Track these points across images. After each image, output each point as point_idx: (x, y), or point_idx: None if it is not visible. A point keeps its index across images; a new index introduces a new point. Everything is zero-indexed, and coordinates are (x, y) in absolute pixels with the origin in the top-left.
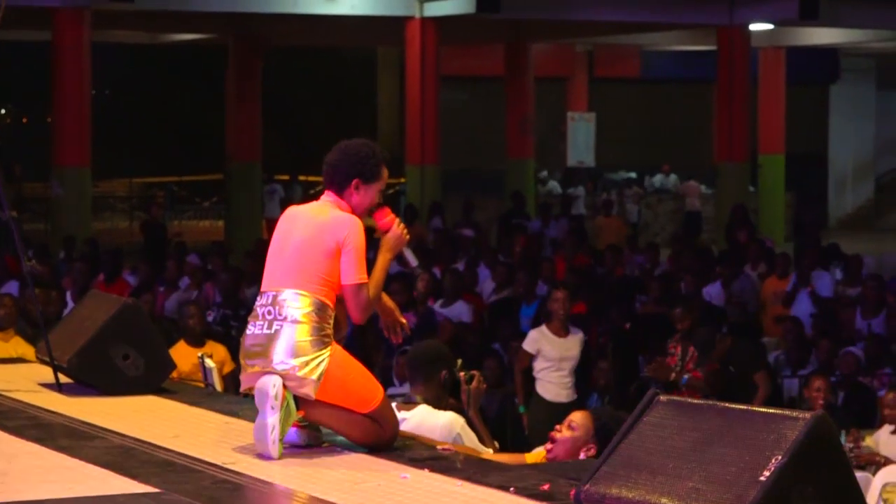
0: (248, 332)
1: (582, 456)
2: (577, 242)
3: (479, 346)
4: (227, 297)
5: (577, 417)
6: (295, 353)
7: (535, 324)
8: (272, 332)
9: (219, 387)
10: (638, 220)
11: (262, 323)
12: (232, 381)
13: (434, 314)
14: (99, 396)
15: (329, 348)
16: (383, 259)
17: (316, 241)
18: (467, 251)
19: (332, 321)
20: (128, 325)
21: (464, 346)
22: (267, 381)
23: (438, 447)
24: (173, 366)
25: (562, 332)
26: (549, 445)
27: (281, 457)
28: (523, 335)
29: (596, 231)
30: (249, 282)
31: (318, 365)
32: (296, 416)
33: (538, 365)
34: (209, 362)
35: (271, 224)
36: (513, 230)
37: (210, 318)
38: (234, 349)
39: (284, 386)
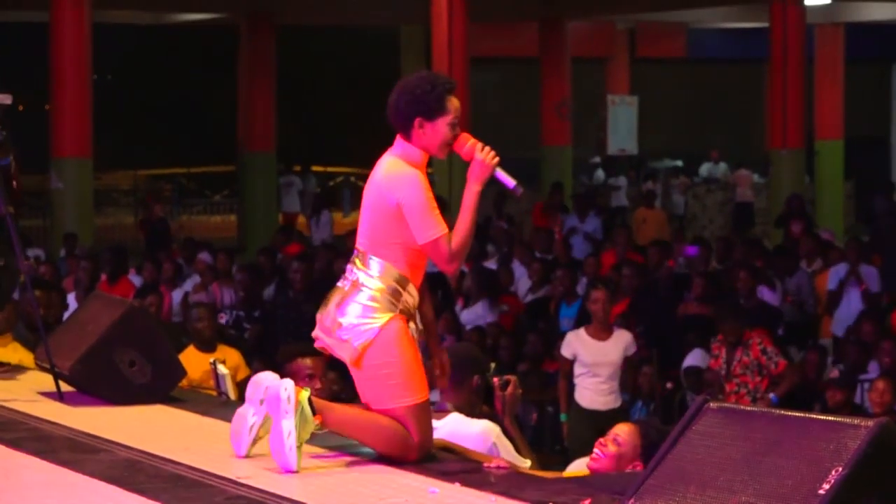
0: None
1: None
2: (626, 237)
3: (514, 349)
4: (242, 297)
5: (624, 432)
6: (344, 313)
7: (578, 325)
8: (341, 286)
9: (232, 395)
10: (684, 212)
11: (343, 278)
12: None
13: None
14: (103, 406)
15: (381, 319)
16: (470, 193)
17: (377, 202)
18: (500, 246)
19: (399, 291)
20: (133, 329)
21: (497, 350)
22: (277, 385)
23: (488, 463)
24: (183, 372)
25: (602, 334)
26: (593, 457)
27: (300, 469)
28: (563, 337)
29: (637, 224)
30: (268, 281)
31: (363, 332)
32: (312, 423)
33: (575, 370)
34: (222, 368)
35: (288, 219)
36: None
37: (223, 321)
38: (247, 353)
39: (299, 388)
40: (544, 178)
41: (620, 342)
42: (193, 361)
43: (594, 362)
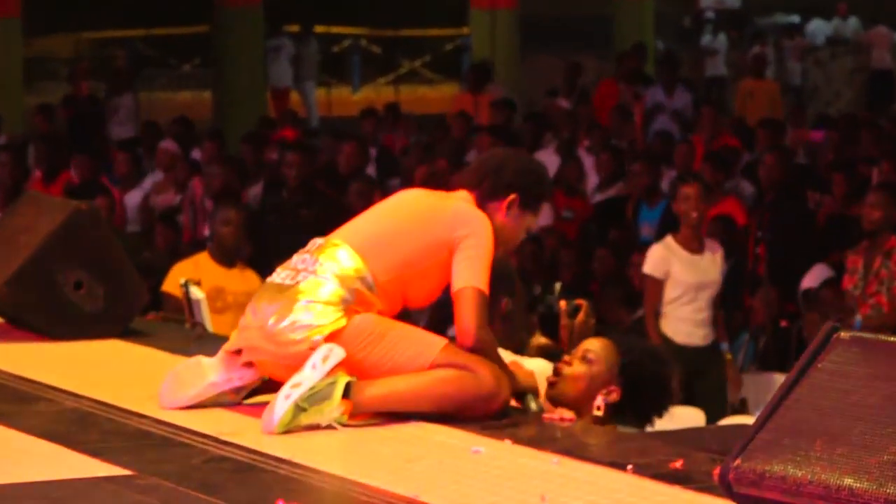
0: (267, 279)
1: (599, 400)
2: (714, 117)
3: (579, 265)
4: (222, 199)
5: (596, 346)
6: (298, 310)
7: (661, 233)
8: (294, 283)
9: (210, 325)
10: (803, 84)
11: (288, 273)
12: None
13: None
14: (41, 341)
15: (345, 319)
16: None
17: (429, 221)
18: (561, 131)
19: (366, 298)
20: (81, 239)
21: (557, 266)
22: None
23: (549, 414)
24: (144, 296)
25: (695, 244)
26: (550, 379)
27: (289, 427)
28: (643, 248)
29: (741, 99)
30: (252, 178)
31: (327, 326)
32: (336, 408)
33: (665, 294)
34: (196, 291)
35: (278, 95)
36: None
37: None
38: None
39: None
40: (618, 40)
41: (717, 255)
42: (204, 272)
43: (697, 282)
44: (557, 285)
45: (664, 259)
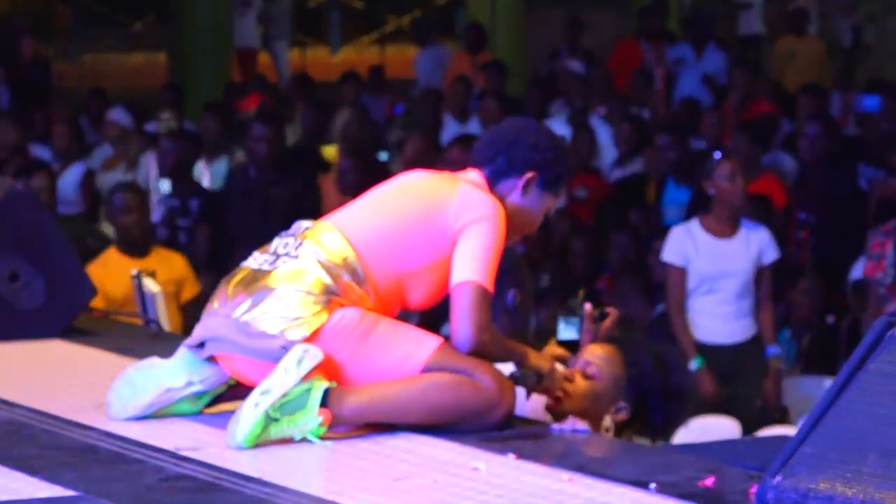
0: (242, 264)
1: (607, 422)
2: (752, 79)
3: (593, 254)
4: (176, 178)
5: (599, 357)
6: (272, 297)
7: (692, 214)
8: (272, 268)
9: (165, 322)
10: (853, 43)
11: (266, 258)
12: (195, 313)
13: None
14: None
15: (326, 313)
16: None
17: (431, 206)
18: (572, 99)
19: (350, 299)
20: (16, 224)
21: (567, 254)
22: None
23: (559, 424)
24: (92, 290)
25: (726, 228)
26: (554, 395)
27: (258, 440)
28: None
29: (780, 60)
30: (211, 153)
31: (305, 323)
32: (313, 418)
33: (687, 285)
34: (150, 284)
35: (245, 58)
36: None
37: (156, 218)
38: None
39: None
40: None
41: (754, 242)
42: (116, 271)
43: (716, 271)
44: (581, 292)
45: (681, 244)
